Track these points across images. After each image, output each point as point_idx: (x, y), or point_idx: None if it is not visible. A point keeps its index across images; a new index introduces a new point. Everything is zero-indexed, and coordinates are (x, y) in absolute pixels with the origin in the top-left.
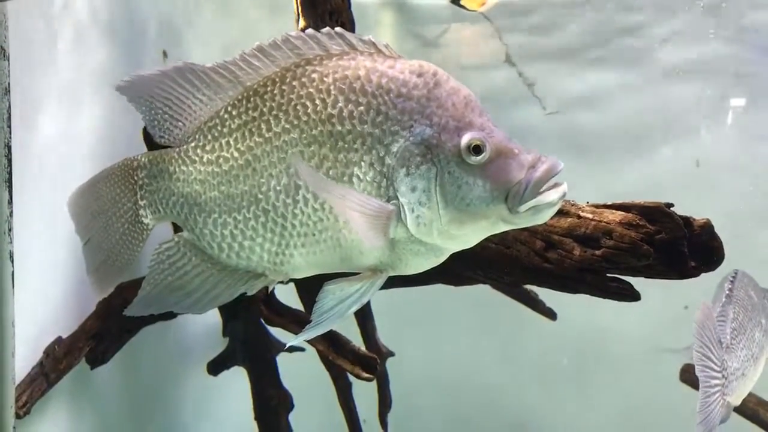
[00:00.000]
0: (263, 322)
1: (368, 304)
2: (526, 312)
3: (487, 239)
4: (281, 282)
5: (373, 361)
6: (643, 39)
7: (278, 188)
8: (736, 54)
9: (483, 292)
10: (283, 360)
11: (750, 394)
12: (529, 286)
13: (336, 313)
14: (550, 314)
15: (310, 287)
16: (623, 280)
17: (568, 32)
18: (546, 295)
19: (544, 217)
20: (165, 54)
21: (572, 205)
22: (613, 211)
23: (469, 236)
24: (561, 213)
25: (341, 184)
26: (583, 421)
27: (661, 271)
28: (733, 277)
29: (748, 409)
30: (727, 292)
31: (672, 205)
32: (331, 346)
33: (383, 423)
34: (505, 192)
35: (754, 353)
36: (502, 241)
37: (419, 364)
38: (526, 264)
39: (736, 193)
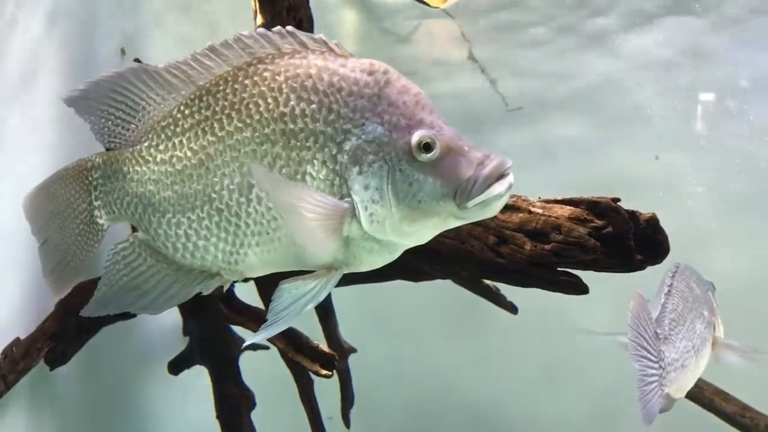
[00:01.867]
0: (225, 320)
1: (330, 301)
2: (488, 307)
3: (442, 235)
4: (236, 281)
5: (331, 357)
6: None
7: (231, 187)
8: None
9: (446, 288)
10: (246, 359)
11: (707, 384)
12: (491, 282)
13: (292, 312)
14: (512, 308)
15: (270, 285)
16: (572, 274)
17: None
18: (511, 288)
19: (492, 210)
20: (123, 52)
21: (524, 200)
22: (563, 206)
23: (421, 233)
24: (513, 208)
25: (296, 184)
26: (547, 414)
27: (609, 264)
28: (675, 269)
29: (705, 398)
30: (667, 284)
31: (618, 199)
32: (290, 343)
33: (346, 419)
34: (455, 189)
35: (696, 345)
36: (457, 236)
37: (384, 360)
38: (480, 259)
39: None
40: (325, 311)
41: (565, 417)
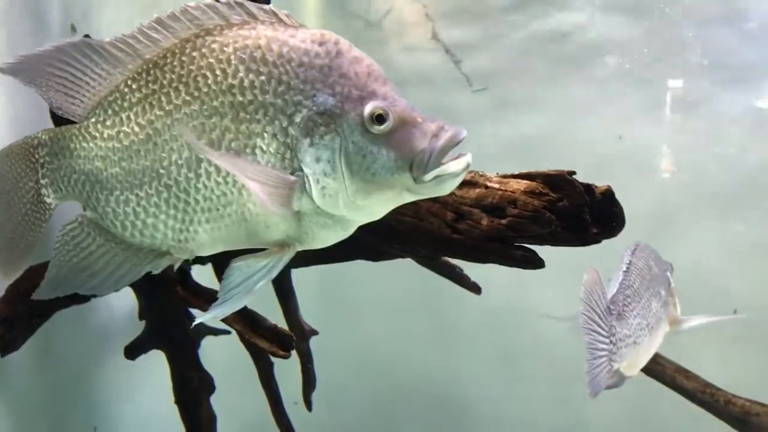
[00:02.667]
0: (182, 303)
1: (289, 283)
2: (454, 288)
3: (401, 213)
4: (187, 261)
5: (289, 338)
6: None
7: (180, 162)
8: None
9: (412, 269)
10: (207, 342)
11: (669, 362)
12: (456, 262)
13: (243, 289)
14: (476, 289)
15: (226, 266)
16: (528, 248)
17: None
18: (476, 272)
19: (448, 188)
20: (73, 28)
21: (481, 175)
22: (519, 180)
23: (375, 207)
24: (470, 184)
25: (237, 158)
26: (512, 397)
27: (565, 238)
28: (634, 247)
29: (668, 376)
30: (626, 261)
31: (574, 173)
32: (248, 325)
33: (308, 402)
34: (409, 161)
35: (650, 323)
36: (416, 214)
37: (349, 344)
38: (438, 236)
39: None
40: (285, 293)
41: (530, 399)
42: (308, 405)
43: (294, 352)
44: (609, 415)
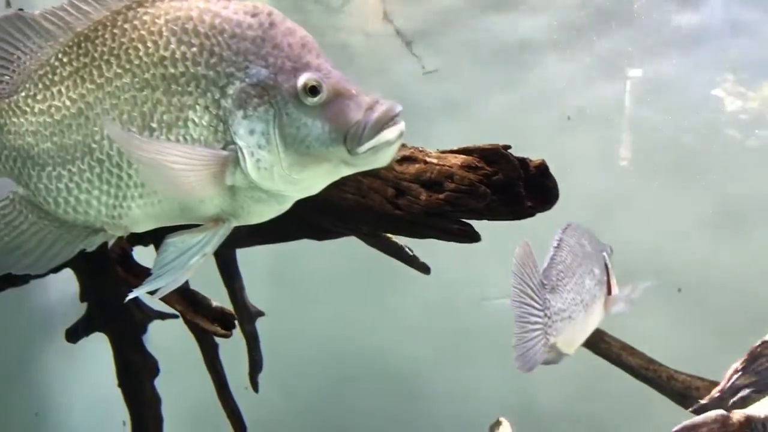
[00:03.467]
0: (123, 284)
1: (234, 263)
2: (403, 269)
3: (344, 191)
4: (121, 237)
5: (230, 317)
6: None
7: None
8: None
9: (361, 249)
10: (157, 326)
11: (614, 339)
12: (404, 243)
13: (177, 265)
14: (424, 269)
15: None
16: (465, 222)
17: None
18: (428, 252)
19: (384, 158)
20: (8, 3)
21: (420, 151)
22: (457, 155)
23: (311, 181)
24: (410, 159)
25: (156, 141)
26: (463, 375)
27: (501, 212)
28: (566, 226)
29: (613, 353)
30: (557, 238)
31: (509, 147)
32: (189, 305)
33: (254, 384)
34: (344, 133)
35: (584, 299)
36: (358, 191)
37: (300, 324)
38: (380, 212)
39: None
40: (230, 274)
41: (480, 377)
42: (255, 387)
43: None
44: (558, 392)
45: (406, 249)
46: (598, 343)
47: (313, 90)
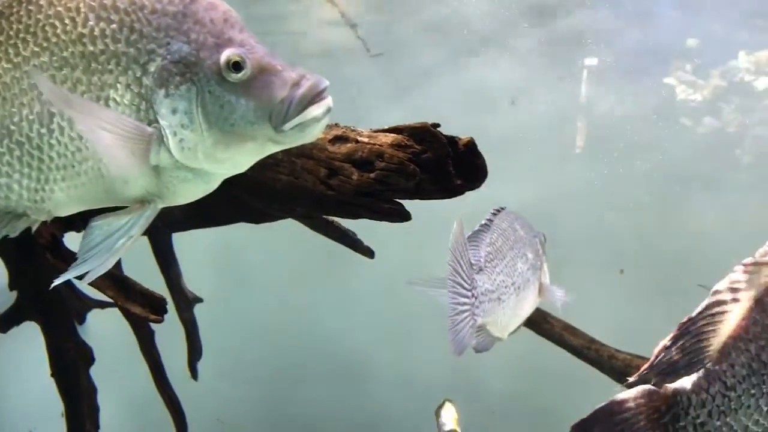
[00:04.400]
0: (53, 271)
1: (171, 249)
2: (351, 255)
3: (277, 171)
4: (46, 222)
5: (161, 302)
6: None
7: (31, 117)
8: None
9: (306, 235)
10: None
11: (557, 320)
12: (349, 227)
13: (103, 248)
14: (369, 253)
15: None
16: (395, 202)
17: None
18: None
19: (311, 135)
20: None
21: (352, 130)
22: (387, 134)
23: (237, 159)
24: (342, 139)
25: (91, 102)
26: (410, 358)
27: (432, 190)
28: (498, 209)
29: (555, 333)
30: (487, 218)
31: (438, 125)
32: (120, 290)
33: (193, 371)
34: (269, 110)
35: (516, 282)
36: (291, 172)
37: (247, 312)
38: (313, 193)
39: None
40: (166, 260)
41: (427, 361)
42: (194, 374)
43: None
44: (503, 373)
45: (350, 233)
46: (541, 323)
47: (236, 66)
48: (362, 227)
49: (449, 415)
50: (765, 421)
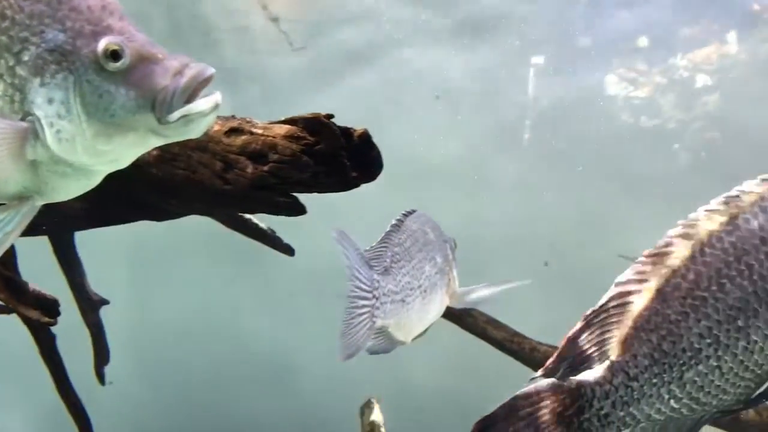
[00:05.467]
0: None
1: (73, 250)
2: (272, 253)
3: (174, 166)
4: None
5: (53, 303)
6: None
7: None
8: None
9: (229, 233)
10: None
11: (481, 314)
12: (266, 224)
13: None
14: (289, 251)
15: None
16: (291, 195)
17: None
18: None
19: (197, 129)
20: None
21: (247, 122)
22: (282, 125)
23: (118, 152)
24: (237, 131)
25: None
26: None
27: (328, 183)
28: (410, 211)
29: (479, 327)
30: (397, 218)
31: (332, 116)
32: (12, 293)
33: (100, 376)
34: (151, 100)
35: (423, 285)
36: (188, 166)
37: (169, 315)
38: (210, 187)
39: None
40: (68, 261)
41: (355, 362)
42: (101, 379)
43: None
44: (430, 369)
45: (269, 231)
46: (464, 317)
47: (114, 55)
48: (287, 224)
49: (369, 418)
50: (666, 409)
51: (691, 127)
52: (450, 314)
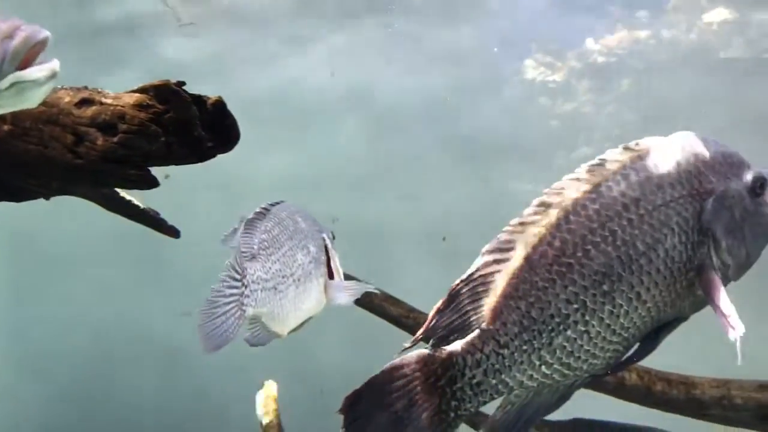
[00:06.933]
0: None
1: None
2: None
3: (27, 141)
4: None
5: None
6: None
7: None
8: None
9: (113, 219)
10: None
11: (382, 294)
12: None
13: None
14: (174, 233)
15: None
16: (142, 168)
17: None
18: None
19: (32, 99)
20: None
21: (98, 92)
22: (132, 94)
23: None
24: (87, 102)
25: None
26: (233, 342)
27: (182, 154)
28: (278, 202)
29: (376, 305)
30: (263, 206)
31: (184, 83)
32: None
33: None
34: None
35: (295, 274)
36: (40, 141)
37: (53, 305)
38: (62, 163)
39: None
40: None
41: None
42: None
43: None
44: (333, 348)
45: (150, 212)
46: (363, 296)
47: None
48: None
49: (265, 402)
50: (538, 375)
51: (606, 111)
52: None
